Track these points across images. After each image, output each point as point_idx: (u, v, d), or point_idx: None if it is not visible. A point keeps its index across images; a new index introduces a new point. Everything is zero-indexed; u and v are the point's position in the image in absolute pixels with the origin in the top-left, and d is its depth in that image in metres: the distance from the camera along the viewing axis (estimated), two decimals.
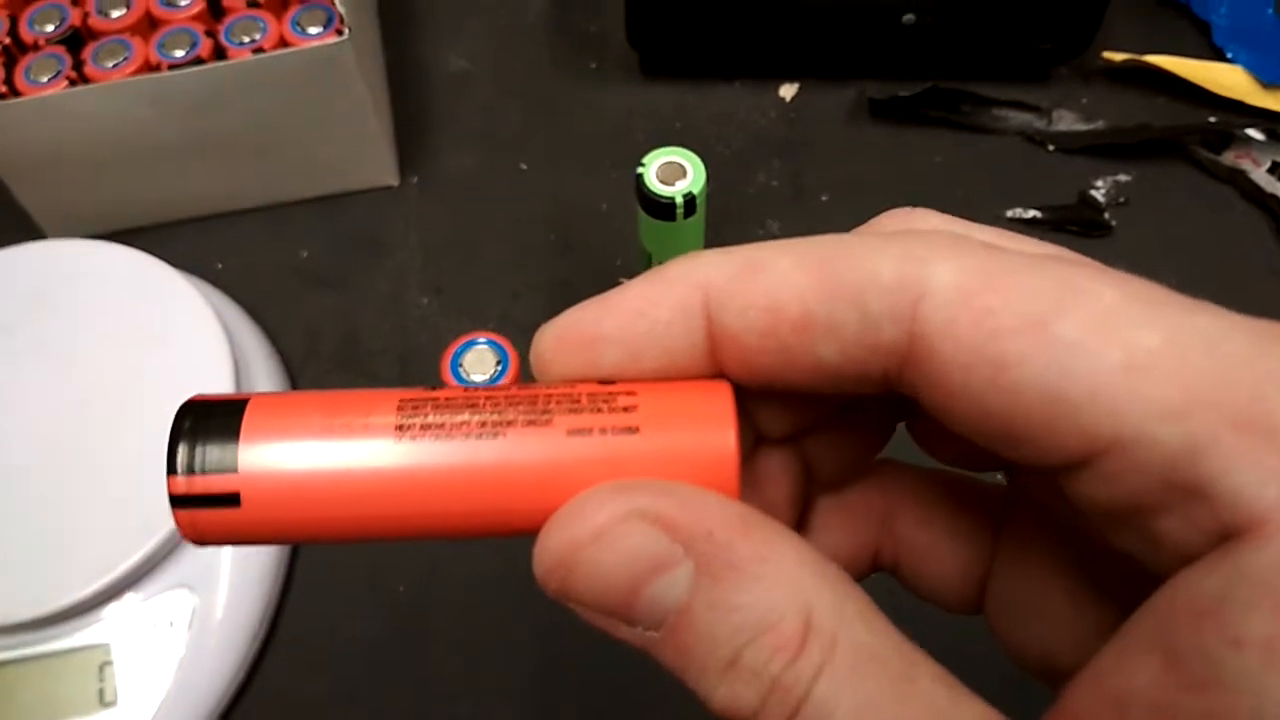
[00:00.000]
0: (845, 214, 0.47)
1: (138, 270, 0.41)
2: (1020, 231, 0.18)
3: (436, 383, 0.42)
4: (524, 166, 0.49)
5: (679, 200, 0.37)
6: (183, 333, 0.40)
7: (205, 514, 0.16)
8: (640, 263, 0.41)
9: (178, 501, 0.16)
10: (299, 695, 0.38)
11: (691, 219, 0.38)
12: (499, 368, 0.34)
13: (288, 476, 0.16)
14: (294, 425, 0.16)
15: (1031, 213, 0.47)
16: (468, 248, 0.47)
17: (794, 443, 0.20)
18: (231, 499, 0.16)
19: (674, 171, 0.38)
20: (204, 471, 0.16)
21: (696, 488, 0.16)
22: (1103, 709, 0.15)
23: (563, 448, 0.16)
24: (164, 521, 0.36)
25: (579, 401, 0.16)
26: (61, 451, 0.37)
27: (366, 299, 0.46)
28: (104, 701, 0.36)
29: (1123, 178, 0.48)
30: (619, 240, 0.47)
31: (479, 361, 0.34)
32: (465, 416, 0.16)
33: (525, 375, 0.41)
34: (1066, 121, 0.50)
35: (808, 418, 0.19)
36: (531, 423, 0.16)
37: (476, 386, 0.17)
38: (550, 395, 0.16)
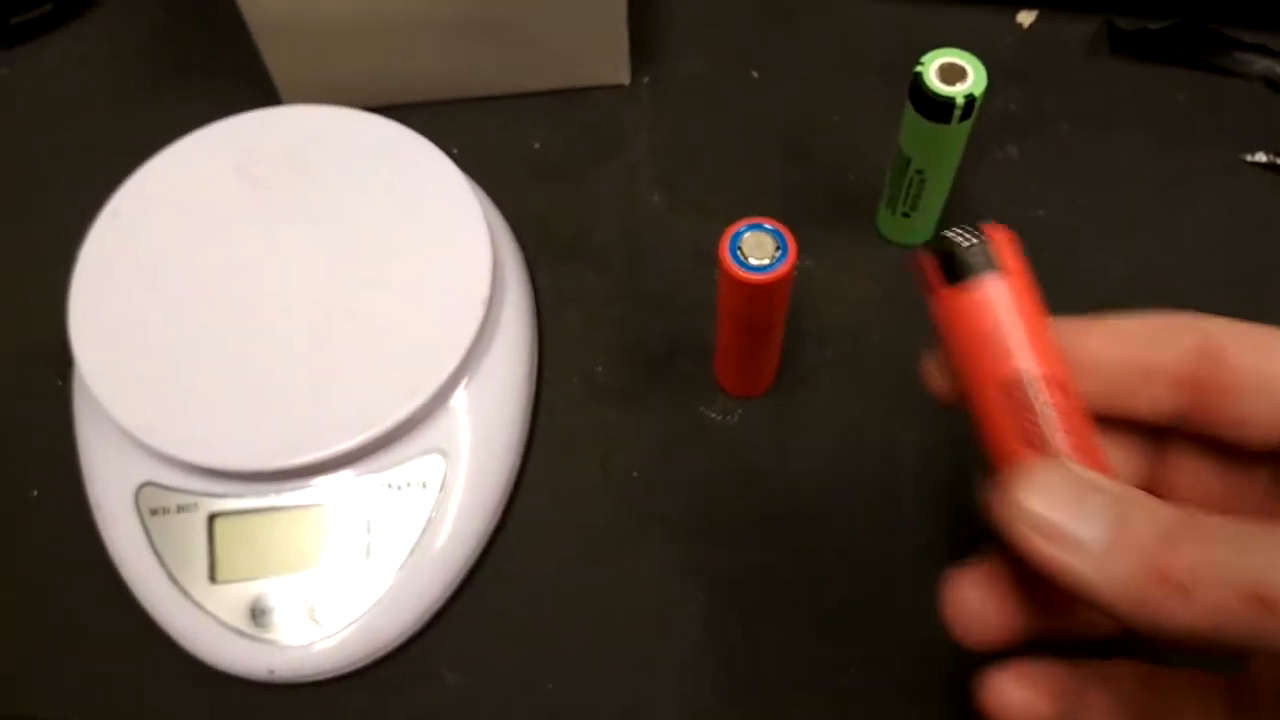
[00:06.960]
0: (1088, 146, 0.46)
1: (397, 142, 0.41)
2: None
3: (687, 274, 0.42)
4: (755, 74, 0.48)
5: (959, 100, 0.37)
6: (441, 205, 0.40)
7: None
8: (893, 168, 0.41)
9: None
10: (531, 573, 0.39)
11: (964, 124, 0.38)
12: (778, 253, 0.34)
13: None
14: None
15: (1271, 158, 0.46)
16: (698, 150, 0.46)
17: None
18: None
19: (954, 73, 0.37)
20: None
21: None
22: None
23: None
24: (424, 386, 0.36)
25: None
26: (329, 310, 0.38)
27: (598, 194, 0.46)
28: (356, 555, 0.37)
29: None
30: (851, 151, 0.46)
31: (758, 246, 0.34)
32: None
33: (800, 263, 0.42)
34: None
35: None
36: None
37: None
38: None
